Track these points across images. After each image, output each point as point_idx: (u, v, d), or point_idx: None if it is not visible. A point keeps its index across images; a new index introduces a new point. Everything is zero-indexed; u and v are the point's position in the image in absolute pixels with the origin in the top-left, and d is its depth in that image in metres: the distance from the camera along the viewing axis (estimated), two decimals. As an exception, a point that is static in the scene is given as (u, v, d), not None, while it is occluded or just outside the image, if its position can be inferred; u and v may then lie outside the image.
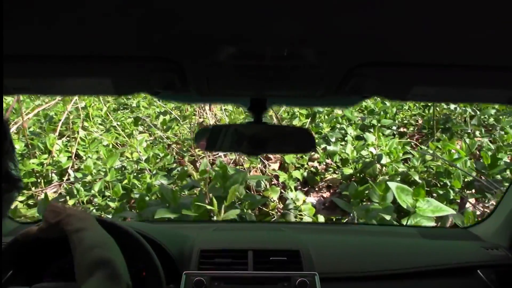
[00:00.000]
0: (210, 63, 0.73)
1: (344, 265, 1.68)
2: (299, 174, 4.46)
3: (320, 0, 0.50)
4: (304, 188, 4.64)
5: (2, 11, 0.52)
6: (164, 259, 1.52)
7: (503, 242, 1.84)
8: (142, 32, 0.62)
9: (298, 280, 1.54)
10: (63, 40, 0.64)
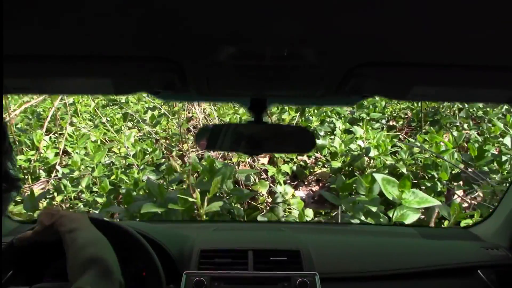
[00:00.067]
0: (210, 63, 0.73)
1: (344, 265, 1.68)
2: (288, 168, 4.47)
3: (320, 0, 0.50)
4: (293, 182, 4.65)
5: (2, 11, 0.52)
6: (164, 259, 1.52)
7: (503, 242, 1.84)
8: (142, 32, 0.62)
9: (298, 280, 1.54)
10: (63, 40, 0.64)
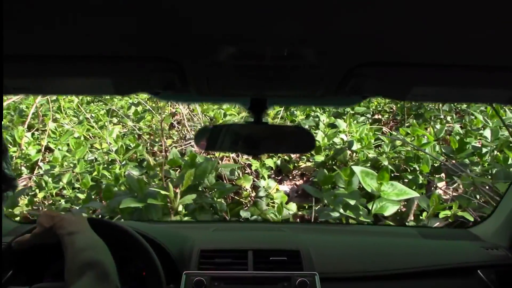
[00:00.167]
0: (210, 63, 0.73)
1: (344, 265, 1.68)
2: (272, 163, 4.47)
3: (320, 0, 0.50)
4: (278, 177, 4.66)
5: (2, 11, 0.51)
6: (164, 259, 1.52)
7: (503, 242, 1.85)
8: (142, 32, 0.61)
9: (298, 280, 1.54)
10: (63, 40, 0.64)
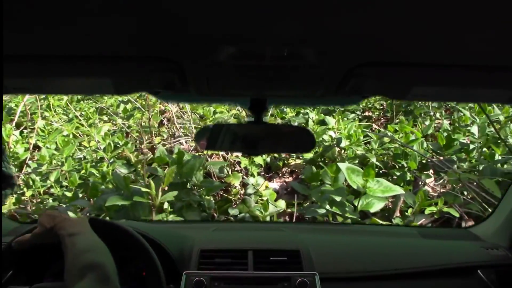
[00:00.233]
0: (210, 63, 0.73)
1: (344, 265, 1.69)
2: (261, 160, 4.46)
3: (320, 0, 0.50)
4: (267, 174, 4.66)
5: (2, 11, 0.52)
6: (164, 259, 1.52)
7: (503, 242, 1.85)
8: (142, 32, 0.62)
9: (298, 280, 1.54)
10: (63, 40, 0.64)
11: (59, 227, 1.28)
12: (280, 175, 4.71)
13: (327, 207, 3.35)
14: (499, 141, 3.94)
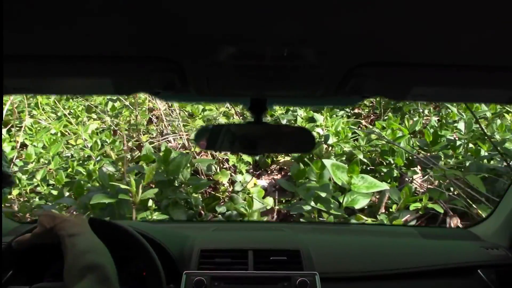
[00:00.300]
0: (210, 63, 0.73)
1: (344, 265, 1.68)
2: (249, 157, 4.44)
3: (320, 0, 0.50)
4: (256, 171, 4.65)
5: (2, 11, 0.51)
6: (164, 259, 1.52)
7: (503, 242, 1.84)
8: (142, 32, 0.61)
9: (299, 280, 1.54)
10: (63, 40, 0.64)
11: (59, 227, 1.28)
12: (268, 172, 4.71)
13: (312, 203, 3.36)
14: (486, 137, 3.97)
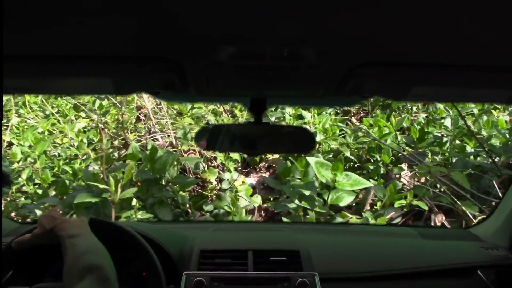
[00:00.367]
0: (210, 63, 0.73)
1: (344, 265, 1.69)
2: (237, 155, 4.42)
3: (320, 0, 0.50)
4: (245, 169, 4.65)
5: (2, 11, 0.51)
6: (164, 259, 1.52)
7: (503, 242, 1.84)
8: (142, 32, 0.61)
9: (298, 280, 1.54)
10: (63, 40, 0.64)
11: (59, 228, 1.28)
12: (257, 170, 4.71)
13: (297, 201, 3.36)
14: (474, 134, 3.99)
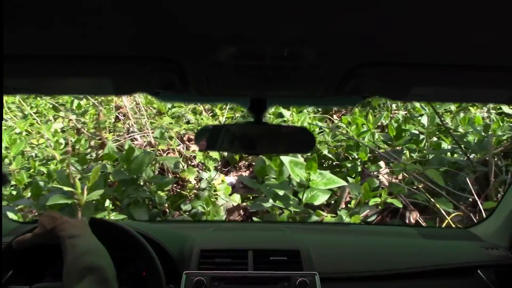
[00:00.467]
0: (210, 63, 0.73)
1: (344, 265, 1.68)
2: (217, 154, 4.41)
3: (320, 0, 0.50)
4: (225, 168, 4.65)
5: (2, 11, 0.51)
6: (164, 259, 1.51)
7: (503, 242, 1.84)
8: (142, 32, 0.61)
9: (298, 280, 1.54)
10: (63, 40, 0.64)
11: (60, 228, 1.29)
12: (237, 168, 4.71)
13: (271, 200, 3.37)
14: (451, 131, 4.02)
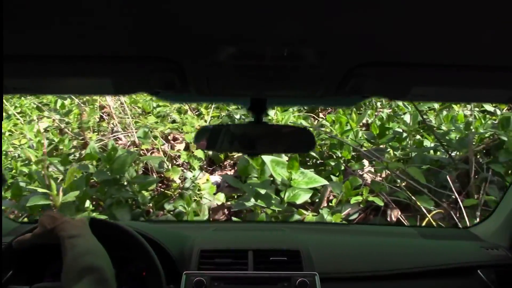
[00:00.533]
0: (210, 63, 0.73)
1: (344, 265, 1.68)
2: (201, 154, 4.40)
3: (320, 0, 0.50)
4: (210, 167, 4.63)
5: (2, 11, 0.51)
6: (164, 259, 1.52)
7: (503, 242, 1.84)
8: (142, 32, 0.61)
9: (298, 280, 1.54)
10: (63, 40, 0.64)
11: (60, 228, 1.29)
12: (222, 167, 4.70)
13: (252, 200, 3.37)
14: (434, 129, 4.05)
